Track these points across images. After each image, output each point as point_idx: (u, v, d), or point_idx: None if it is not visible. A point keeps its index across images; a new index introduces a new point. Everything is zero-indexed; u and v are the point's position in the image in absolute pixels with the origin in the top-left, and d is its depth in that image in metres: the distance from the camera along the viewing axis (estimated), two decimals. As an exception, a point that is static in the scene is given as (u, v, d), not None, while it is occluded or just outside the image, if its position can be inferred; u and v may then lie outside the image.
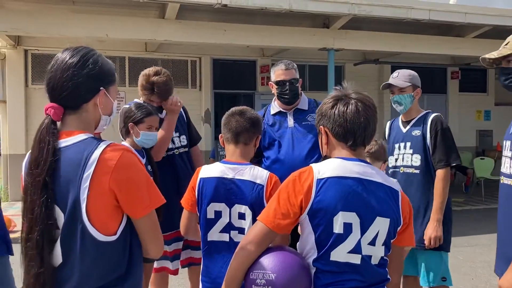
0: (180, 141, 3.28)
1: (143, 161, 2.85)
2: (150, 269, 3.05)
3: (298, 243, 1.66)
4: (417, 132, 2.99)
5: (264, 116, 3.23)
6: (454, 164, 2.92)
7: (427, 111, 3.08)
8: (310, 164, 1.63)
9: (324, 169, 1.58)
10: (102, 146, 1.37)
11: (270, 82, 3.25)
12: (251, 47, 9.05)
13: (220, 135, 2.22)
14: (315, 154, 3.04)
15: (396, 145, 3.09)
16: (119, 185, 1.36)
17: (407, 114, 3.07)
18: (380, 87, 3.19)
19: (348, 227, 1.54)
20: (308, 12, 6.78)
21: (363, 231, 1.55)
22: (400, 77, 3.02)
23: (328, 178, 1.55)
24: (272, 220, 1.56)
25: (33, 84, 8.76)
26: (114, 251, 1.38)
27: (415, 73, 3.08)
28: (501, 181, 2.06)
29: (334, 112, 1.62)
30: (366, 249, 1.56)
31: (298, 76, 3.15)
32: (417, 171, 2.97)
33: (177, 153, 3.23)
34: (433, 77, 11.37)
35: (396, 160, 3.09)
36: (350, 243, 1.54)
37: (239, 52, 9.64)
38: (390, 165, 3.10)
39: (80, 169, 1.34)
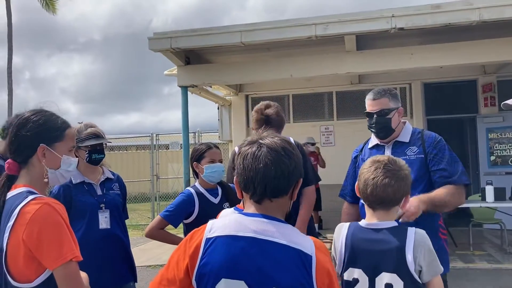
0: None
1: (217, 199, 2.96)
2: None
3: None
4: None
5: (362, 150, 2.98)
6: None
7: None
8: (211, 220, 1.45)
9: (217, 225, 1.40)
10: (27, 199, 1.58)
11: None
12: (470, 65, 8.09)
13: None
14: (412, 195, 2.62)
15: None
16: (30, 237, 1.53)
17: None
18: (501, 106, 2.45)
19: None
20: (506, 20, 5.70)
21: None
22: None
23: (217, 237, 1.36)
24: (157, 286, 1.43)
25: (253, 124, 9.92)
26: None
27: None
28: None
29: (238, 160, 1.44)
30: None
31: (393, 105, 2.78)
32: None
33: None
34: None
35: None
36: None
37: (455, 73, 8.71)
38: None
39: (6, 220, 1.58)
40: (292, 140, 3.31)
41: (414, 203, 2.36)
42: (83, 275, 1.69)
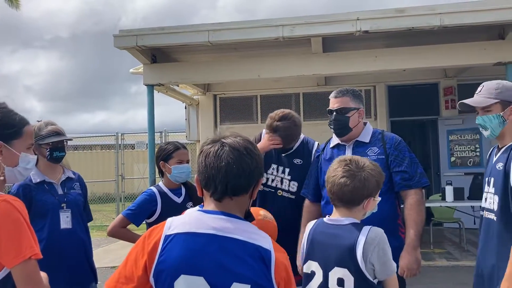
0: (288, 185, 3.17)
1: (180, 199, 2.96)
2: None
3: None
4: (500, 166, 2.23)
5: (323, 149, 3.03)
6: None
7: None
8: (169, 218, 1.45)
9: (176, 223, 1.40)
10: None
11: None
12: (432, 69, 8.31)
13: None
14: None
15: (486, 179, 2.38)
16: None
17: (501, 139, 2.32)
18: (457, 106, 2.51)
19: None
20: (466, 26, 5.91)
21: None
22: (483, 92, 2.33)
23: (176, 234, 1.37)
24: (114, 284, 1.41)
25: (221, 124, 9.89)
26: None
27: (510, 84, 2.31)
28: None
29: (200, 158, 1.45)
30: None
31: (353, 105, 2.84)
32: (495, 218, 2.23)
33: (279, 194, 3.16)
34: None
35: (485, 199, 2.36)
36: None
37: (417, 76, 8.96)
38: (481, 205, 2.41)
39: None
40: (316, 145, 3.27)
41: (411, 260, 2.48)
42: (43, 274, 1.65)
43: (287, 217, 3.13)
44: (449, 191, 6.95)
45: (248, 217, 1.46)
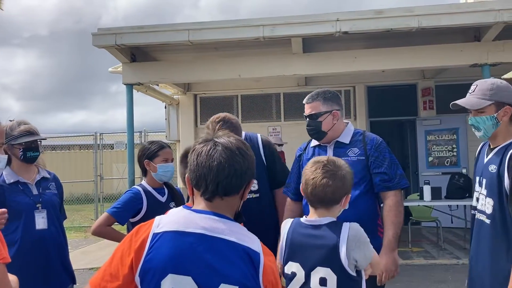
0: None
1: (164, 198, 2.93)
2: None
3: None
4: (493, 168, 2.14)
5: (306, 148, 3.02)
6: None
7: None
8: (157, 216, 1.43)
9: (165, 221, 1.38)
10: None
11: None
12: (411, 70, 8.41)
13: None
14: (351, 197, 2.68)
15: (477, 178, 2.29)
16: None
17: (492, 140, 2.23)
18: (450, 106, 2.40)
19: None
20: (443, 27, 6.01)
21: None
22: (476, 92, 2.21)
23: (164, 232, 1.35)
24: (99, 282, 1.37)
25: (201, 124, 9.83)
26: None
27: (504, 84, 2.19)
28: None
29: (192, 157, 1.43)
30: None
31: (325, 109, 2.80)
32: (488, 221, 2.15)
33: None
34: None
35: (477, 199, 2.27)
36: None
37: (396, 77, 9.06)
38: (473, 204, 2.33)
39: None
40: (260, 137, 3.27)
41: (389, 261, 2.45)
42: (13, 278, 1.61)
43: (254, 218, 3.11)
44: (426, 190, 7.04)
45: (238, 218, 1.45)
